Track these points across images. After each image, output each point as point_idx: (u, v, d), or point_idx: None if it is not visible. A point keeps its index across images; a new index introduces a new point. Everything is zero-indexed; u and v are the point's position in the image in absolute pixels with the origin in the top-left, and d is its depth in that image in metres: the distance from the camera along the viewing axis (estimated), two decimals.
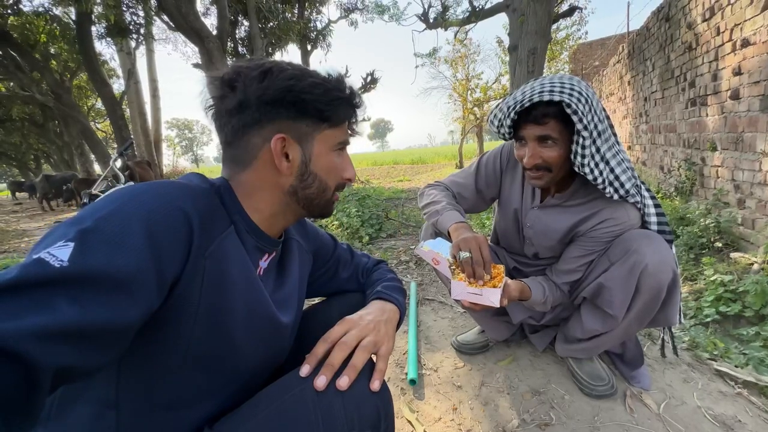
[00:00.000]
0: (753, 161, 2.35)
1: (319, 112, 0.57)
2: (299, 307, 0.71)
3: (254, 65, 0.55)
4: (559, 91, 0.86)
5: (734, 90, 2.54)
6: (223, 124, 0.56)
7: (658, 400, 1.12)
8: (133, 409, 0.50)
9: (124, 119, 8.97)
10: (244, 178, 0.58)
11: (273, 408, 0.52)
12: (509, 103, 0.94)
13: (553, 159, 0.94)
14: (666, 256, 0.95)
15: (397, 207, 4.55)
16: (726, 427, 1.01)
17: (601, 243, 1.03)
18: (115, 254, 0.40)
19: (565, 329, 1.23)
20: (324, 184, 0.62)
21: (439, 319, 1.73)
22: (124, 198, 0.45)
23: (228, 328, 0.53)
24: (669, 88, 3.71)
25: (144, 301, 0.42)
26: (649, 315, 1.00)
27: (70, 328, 0.35)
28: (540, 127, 0.92)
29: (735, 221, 2.44)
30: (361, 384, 0.55)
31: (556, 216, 1.09)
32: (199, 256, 0.49)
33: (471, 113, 15.03)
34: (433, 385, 1.28)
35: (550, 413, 1.10)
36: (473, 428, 1.08)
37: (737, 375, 1.19)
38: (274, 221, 0.62)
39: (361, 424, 0.52)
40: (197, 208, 0.49)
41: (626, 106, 5.40)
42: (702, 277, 2.17)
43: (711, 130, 2.89)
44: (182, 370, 0.51)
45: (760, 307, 1.74)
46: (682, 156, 3.42)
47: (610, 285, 0.99)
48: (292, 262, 0.71)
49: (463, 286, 0.96)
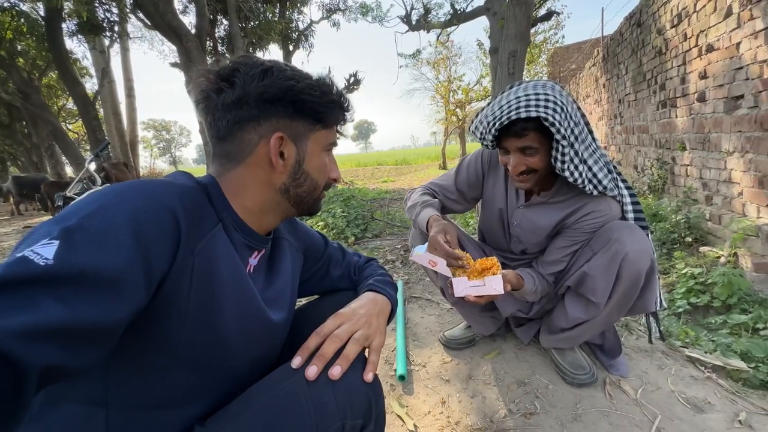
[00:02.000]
0: (718, 160, 2.49)
1: (316, 113, 0.59)
2: (291, 305, 0.71)
3: (254, 63, 0.56)
4: (535, 106, 0.91)
5: (701, 93, 2.68)
6: (218, 118, 0.56)
7: (635, 387, 1.17)
8: (123, 408, 0.49)
9: (98, 120, 8.64)
10: (235, 174, 0.58)
11: (264, 401, 0.52)
12: (489, 119, 0.98)
13: (537, 164, 1.00)
14: (645, 245, 1.01)
15: (382, 207, 4.57)
16: (697, 409, 1.07)
17: (585, 234, 1.09)
18: (102, 252, 0.39)
19: (549, 320, 1.27)
20: (315, 183, 0.63)
21: (426, 316, 1.75)
22: (107, 196, 0.44)
23: (218, 326, 0.53)
24: (641, 90, 3.87)
25: (132, 299, 0.41)
26: (629, 302, 1.06)
27: (57, 326, 0.35)
28: (521, 140, 0.97)
29: (703, 217, 2.57)
30: (353, 375, 0.56)
31: (543, 213, 1.14)
32: (187, 254, 0.48)
33: (453, 114, 15.23)
34: (421, 380, 1.30)
35: (534, 402, 1.14)
36: (461, 420, 1.10)
37: (707, 360, 1.26)
38: (263, 218, 0.63)
39: (353, 413, 0.53)
40: (184, 205, 0.49)
41: (602, 107, 5.60)
42: (674, 270, 2.28)
43: (680, 130, 3.03)
44: (172, 368, 0.51)
45: (727, 298, 1.84)
46: (654, 156, 3.58)
47: (593, 273, 1.04)
48: (282, 260, 0.71)
49: (464, 282, 0.98)
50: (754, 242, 2.02)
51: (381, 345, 0.64)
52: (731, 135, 2.33)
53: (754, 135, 2.11)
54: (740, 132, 2.24)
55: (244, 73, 0.55)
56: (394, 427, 1.10)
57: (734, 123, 2.30)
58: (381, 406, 0.58)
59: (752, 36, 2.09)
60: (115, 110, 11.48)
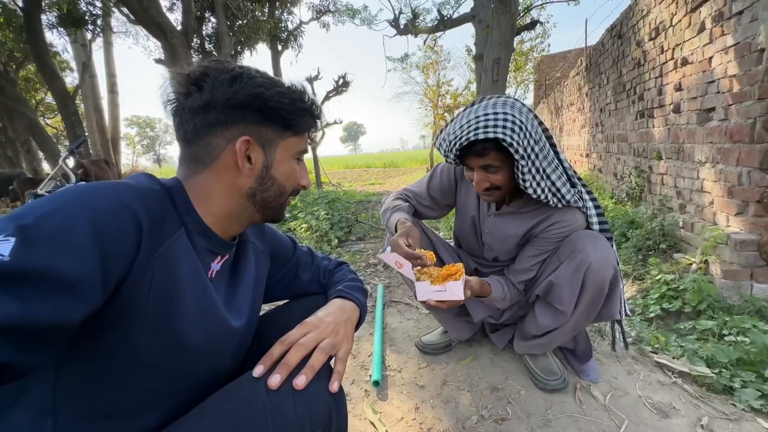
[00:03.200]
0: (692, 170, 2.57)
1: (284, 120, 0.59)
2: (253, 311, 0.70)
3: (224, 68, 0.56)
4: (493, 127, 0.92)
5: (676, 104, 2.76)
6: (185, 120, 0.56)
7: (604, 392, 1.19)
8: (72, 417, 0.47)
9: (78, 115, 8.38)
10: (202, 178, 0.58)
11: (222, 411, 0.51)
12: (450, 137, 1.00)
13: (500, 181, 1.02)
14: (608, 254, 1.03)
15: (368, 210, 4.57)
16: (662, 414, 1.09)
17: (552, 243, 1.11)
18: (59, 252, 0.39)
19: (521, 327, 1.29)
20: (281, 189, 0.63)
21: (405, 321, 1.75)
22: (67, 196, 0.43)
23: (177, 332, 0.52)
24: (621, 100, 3.98)
25: (87, 300, 0.41)
26: (595, 309, 1.08)
27: (10, 324, 0.34)
28: (482, 159, 0.99)
29: (677, 225, 2.65)
30: (315, 385, 0.55)
31: (513, 222, 1.16)
32: (149, 258, 0.47)
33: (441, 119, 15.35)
34: (396, 386, 1.29)
35: (507, 408, 1.15)
36: (434, 426, 1.10)
37: (674, 366, 1.29)
38: (229, 224, 0.62)
39: (312, 423, 0.52)
40: (146, 208, 0.48)
41: (584, 116, 5.72)
42: (649, 276, 2.34)
43: (657, 140, 3.12)
44: (128, 375, 0.50)
45: (697, 304, 1.90)
46: (632, 164, 3.67)
47: (559, 282, 1.06)
48: (246, 266, 0.70)
49: (427, 286, 0.99)
50: (723, 250, 2.09)
51: (347, 354, 0.63)
52: (703, 146, 2.41)
53: (724, 146, 2.18)
54: (712, 143, 2.32)
55: (213, 78, 0.55)
56: None
57: (706, 134, 2.38)
58: (343, 415, 0.58)
59: (723, 51, 2.17)
60: (96, 106, 11.16)
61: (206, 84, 0.55)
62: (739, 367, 1.26)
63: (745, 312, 1.77)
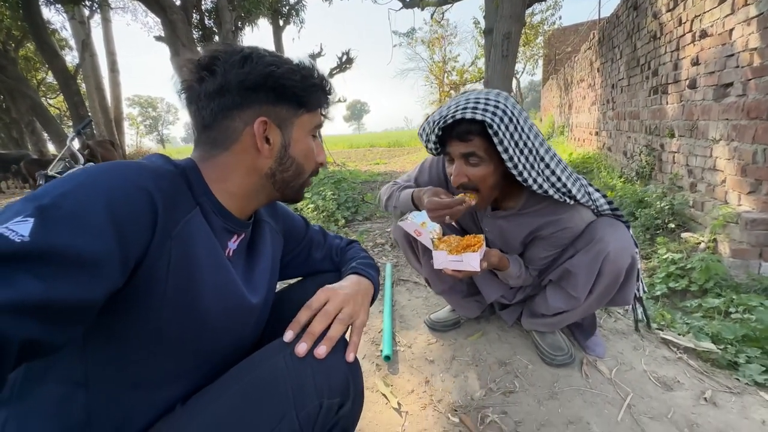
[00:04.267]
0: (705, 147, 2.52)
1: (298, 97, 0.59)
2: (270, 288, 0.72)
3: (233, 50, 0.56)
4: (482, 110, 0.86)
5: (692, 79, 2.68)
6: (201, 107, 0.57)
7: (610, 366, 1.22)
8: (104, 388, 0.50)
9: (80, 95, 8.33)
10: (221, 160, 0.58)
11: (244, 382, 0.54)
12: (435, 118, 0.94)
13: (479, 178, 0.94)
14: (626, 243, 1.01)
15: (374, 190, 4.56)
16: (666, 387, 1.12)
17: (563, 245, 1.09)
18: (77, 232, 0.39)
19: (531, 305, 1.30)
20: (301, 168, 0.64)
21: (414, 299, 1.79)
22: (82, 177, 0.44)
23: (197, 309, 0.54)
24: (634, 75, 3.86)
25: (107, 279, 0.42)
26: (608, 296, 1.09)
27: (35, 302, 0.35)
28: (464, 144, 0.92)
29: (687, 204, 2.63)
30: (333, 356, 0.57)
31: (513, 222, 1.11)
32: (165, 237, 0.48)
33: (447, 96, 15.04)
34: (406, 361, 1.33)
35: (514, 382, 1.18)
36: (444, 398, 1.14)
37: (679, 342, 1.32)
38: (246, 203, 0.63)
39: (330, 393, 0.54)
40: (161, 188, 0.49)
41: (595, 92, 5.58)
42: (656, 255, 2.34)
43: (670, 117, 3.05)
44: (151, 350, 0.52)
45: (704, 282, 1.91)
46: (643, 142, 3.60)
47: (576, 271, 1.06)
48: (263, 244, 0.72)
49: (444, 255, 1.00)
50: (733, 229, 2.08)
51: (363, 324, 0.66)
52: (718, 123, 2.35)
53: (740, 123, 2.13)
54: (727, 120, 2.26)
55: (224, 61, 0.55)
56: (379, 405, 1.13)
57: (722, 111, 2.31)
58: (359, 385, 0.60)
59: (745, 23, 2.08)
60: (98, 85, 11.05)
61: (218, 68, 0.55)
62: (745, 344, 1.28)
63: (752, 290, 1.78)
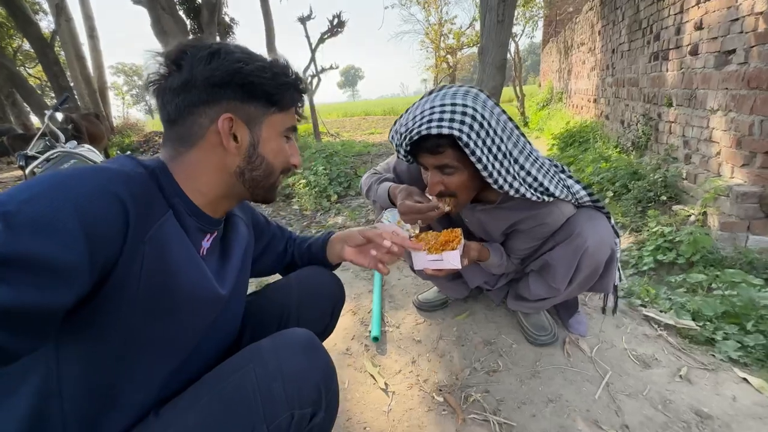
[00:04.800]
0: (702, 118, 2.46)
1: (268, 95, 0.58)
2: (240, 281, 0.72)
3: (202, 45, 0.56)
4: (449, 121, 0.80)
5: (694, 45, 2.57)
6: (167, 101, 0.56)
7: (591, 345, 1.26)
8: (76, 397, 0.50)
9: (59, 64, 7.93)
10: (188, 158, 0.57)
11: (215, 393, 0.54)
12: (401, 130, 0.88)
13: (456, 185, 0.92)
14: (605, 236, 1.01)
15: (366, 164, 4.49)
16: (644, 365, 1.16)
17: (542, 237, 1.09)
18: (45, 238, 0.39)
19: (516, 288, 1.32)
20: (271, 168, 0.62)
21: (403, 278, 1.80)
22: (49, 182, 0.43)
23: (170, 310, 0.53)
24: (636, 40, 3.71)
25: (76, 285, 0.41)
26: (588, 285, 1.11)
27: (3, 308, 0.35)
28: (436, 157, 0.88)
29: (680, 176, 2.61)
30: (303, 365, 0.57)
31: (493, 215, 1.09)
32: (138, 242, 0.47)
33: (444, 61, 14.49)
34: (394, 341, 1.36)
35: (498, 361, 1.22)
36: (429, 378, 1.18)
37: (660, 319, 1.35)
38: (218, 203, 0.62)
39: (302, 403, 0.55)
40: (132, 193, 0.47)
41: (595, 57, 5.38)
42: (646, 228, 2.35)
43: (669, 85, 2.96)
44: (124, 353, 0.51)
45: (690, 255, 1.93)
46: (641, 111, 3.52)
47: (555, 263, 1.06)
48: (235, 239, 0.71)
49: (423, 256, 0.98)
50: (723, 202, 2.07)
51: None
52: (718, 92, 2.29)
53: (740, 93, 2.07)
54: (727, 89, 2.19)
55: (192, 55, 0.54)
56: (367, 385, 1.17)
57: (722, 80, 2.24)
58: (333, 391, 0.60)
59: None
60: (77, 53, 10.49)
61: (185, 63, 0.54)
62: (724, 320, 1.31)
63: (737, 264, 1.81)
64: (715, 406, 1.00)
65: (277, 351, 0.57)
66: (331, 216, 2.94)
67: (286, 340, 0.60)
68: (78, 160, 2.10)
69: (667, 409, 1.00)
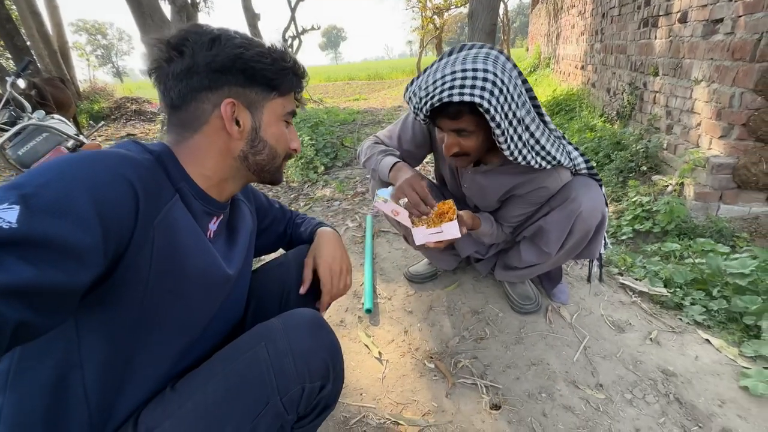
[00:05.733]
0: (686, 88, 2.49)
1: (268, 80, 0.59)
2: (247, 262, 0.75)
3: (203, 31, 0.56)
4: (470, 87, 0.82)
5: (684, 12, 2.55)
6: (169, 87, 0.56)
7: (572, 312, 1.34)
8: (96, 368, 0.52)
9: (13, 22, 7.24)
10: (193, 143, 0.58)
11: (230, 368, 0.57)
12: (422, 94, 0.89)
13: (470, 147, 0.96)
14: (598, 202, 1.06)
15: (353, 133, 4.41)
16: (619, 329, 1.26)
17: (537, 204, 1.12)
18: (63, 220, 0.40)
19: (505, 258, 1.37)
20: (274, 152, 0.64)
21: (393, 251, 1.84)
22: (62, 166, 0.44)
23: (182, 292, 0.56)
24: (626, 4, 3.63)
25: (91, 266, 0.43)
26: (577, 250, 1.16)
27: (27, 286, 0.37)
28: (455, 122, 0.91)
29: (661, 146, 2.67)
30: (312, 341, 0.61)
31: (492, 179, 1.13)
32: (148, 226, 0.49)
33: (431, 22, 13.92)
34: (386, 312, 1.42)
35: (485, 329, 1.29)
36: (421, 347, 1.25)
37: (635, 287, 1.44)
38: (224, 186, 0.64)
39: (311, 377, 0.59)
40: (141, 177, 0.49)
41: (585, 21, 5.27)
42: (626, 198, 2.44)
43: (656, 53, 2.95)
44: (139, 331, 0.54)
45: (666, 224, 2.03)
46: (627, 79, 3.53)
47: (549, 227, 1.11)
48: (240, 222, 0.73)
49: (423, 230, 1.02)
50: (700, 172, 2.16)
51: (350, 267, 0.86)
52: (703, 62, 2.30)
53: (724, 64, 2.09)
54: (711, 60, 2.21)
55: (193, 42, 0.55)
56: (361, 354, 1.23)
57: (708, 50, 2.25)
58: (338, 365, 0.65)
59: None
60: (32, 8, 9.54)
61: (186, 49, 0.55)
62: (692, 287, 1.41)
63: (707, 232, 1.92)
64: (679, 365, 1.10)
65: (286, 330, 0.60)
66: (318, 188, 2.92)
67: (295, 320, 0.63)
68: (50, 133, 1.99)
69: (638, 369, 1.10)
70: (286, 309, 0.68)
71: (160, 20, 5.60)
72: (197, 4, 7.95)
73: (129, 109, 8.45)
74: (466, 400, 1.04)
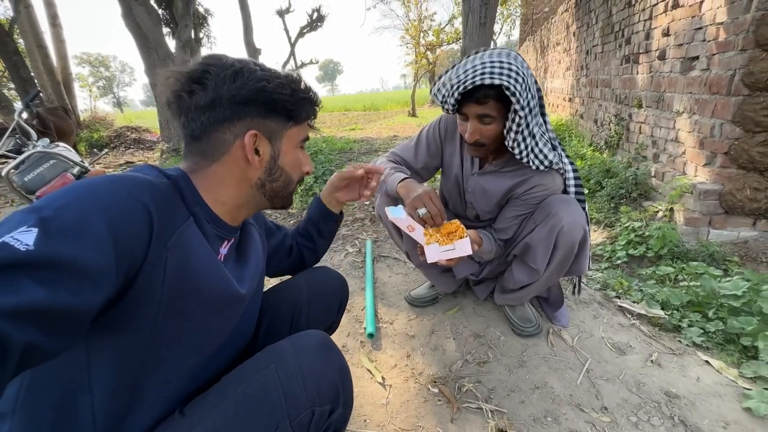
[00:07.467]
0: (669, 119, 2.63)
1: (288, 111, 0.62)
2: (259, 284, 0.76)
3: (224, 64, 0.58)
4: (499, 73, 0.94)
5: (662, 50, 2.73)
6: (191, 119, 0.58)
7: (572, 335, 1.35)
8: (107, 392, 0.52)
9: (20, 54, 7.46)
10: (211, 171, 0.60)
11: (240, 392, 0.57)
12: (453, 82, 1.00)
13: (490, 135, 1.06)
14: (578, 218, 1.12)
15: (351, 161, 4.51)
16: (620, 352, 1.27)
17: (531, 205, 1.19)
18: (78, 243, 0.41)
19: (501, 282, 1.40)
20: (289, 178, 0.67)
21: (394, 275, 1.86)
22: (80, 190, 0.45)
23: (195, 313, 0.56)
24: (608, 42, 3.87)
25: (104, 288, 0.43)
26: (565, 266, 1.20)
27: (39, 308, 0.37)
28: (481, 107, 1.01)
29: (649, 174, 2.78)
30: (320, 365, 0.61)
31: (494, 181, 1.22)
32: (161, 248, 0.50)
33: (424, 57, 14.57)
34: (389, 337, 1.42)
35: (488, 352, 1.29)
36: (424, 371, 1.24)
37: (633, 309, 1.46)
38: (238, 212, 0.65)
39: (321, 400, 0.59)
40: (156, 201, 0.50)
41: (570, 57, 5.57)
42: (618, 224, 2.50)
43: (639, 87, 3.13)
44: (149, 353, 0.54)
45: (659, 249, 2.08)
46: (613, 111, 3.70)
47: (534, 244, 1.16)
48: (250, 245, 0.74)
49: (436, 247, 1.05)
50: (687, 198, 2.24)
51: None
52: (683, 96, 2.45)
53: (702, 97, 2.23)
54: (691, 93, 2.35)
55: (215, 75, 0.56)
56: (364, 380, 1.22)
57: (687, 84, 2.40)
58: (348, 387, 0.65)
59: None
60: (38, 42, 9.86)
61: (209, 81, 0.56)
62: (689, 309, 1.44)
63: (699, 256, 1.97)
64: (681, 387, 1.11)
65: (296, 353, 0.61)
66: None
67: (304, 342, 0.63)
68: (57, 160, 2.03)
69: (641, 391, 1.11)
70: (297, 330, 0.69)
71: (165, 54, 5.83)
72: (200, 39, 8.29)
73: (129, 137, 8.58)
74: (472, 426, 1.03)
